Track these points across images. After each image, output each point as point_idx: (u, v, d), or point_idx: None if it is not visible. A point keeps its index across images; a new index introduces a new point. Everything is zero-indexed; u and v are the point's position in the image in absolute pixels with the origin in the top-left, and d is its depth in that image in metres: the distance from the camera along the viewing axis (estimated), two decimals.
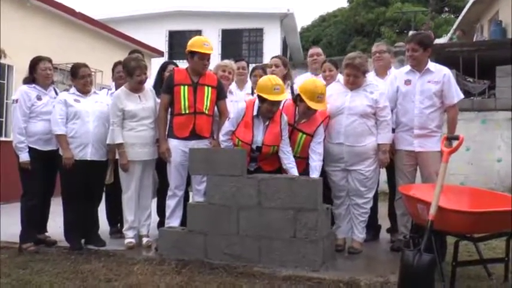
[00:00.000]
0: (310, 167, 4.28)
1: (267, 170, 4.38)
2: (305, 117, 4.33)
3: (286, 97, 4.35)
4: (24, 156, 4.49)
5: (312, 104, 4.18)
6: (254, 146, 4.27)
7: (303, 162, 4.38)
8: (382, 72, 5.03)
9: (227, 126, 4.37)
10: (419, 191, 3.95)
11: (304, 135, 4.35)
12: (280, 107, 4.33)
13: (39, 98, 4.62)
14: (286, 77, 5.03)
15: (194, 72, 4.57)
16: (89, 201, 4.67)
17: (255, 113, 4.29)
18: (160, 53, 15.15)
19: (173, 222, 4.56)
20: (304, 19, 48.56)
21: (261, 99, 4.22)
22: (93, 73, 5.13)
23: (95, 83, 7.81)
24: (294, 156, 4.34)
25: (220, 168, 4.14)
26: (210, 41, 4.67)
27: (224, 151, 4.25)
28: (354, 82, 4.39)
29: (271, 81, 4.20)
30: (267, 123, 4.30)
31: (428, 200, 3.50)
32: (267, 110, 4.21)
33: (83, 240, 4.66)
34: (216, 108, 4.65)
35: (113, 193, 4.99)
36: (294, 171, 4.25)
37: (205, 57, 4.54)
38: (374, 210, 4.83)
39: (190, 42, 4.62)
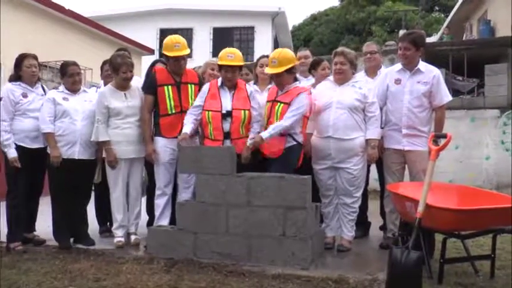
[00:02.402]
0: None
1: (239, 151, 4.29)
2: (279, 86, 4.41)
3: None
4: (12, 153, 4.45)
5: (267, 69, 4.45)
6: (224, 111, 4.34)
7: (282, 139, 4.32)
8: (372, 72, 5.05)
9: (196, 102, 4.47)
10: (407, 189, 3.98)
11: (282, 105, 4.33)
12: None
13: (24, 96, 4.58)
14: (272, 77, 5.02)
15: (175, 72, 4.58)
16: (77, 200, 4.65)
17: (219, 83, 4.46)
18: (151, 51, 15.12)
19: (163, 221, 4.55)
20: (295, 18, 48.73)
21: (220, 68, 4.46)
22: (82, 71, 5.10)
23: (84, 81, 7.78)
24: None
25: (209, 167, 4.13)
26: (182, 40, 4.61)
27: (213, 149, 4.24)
28: (341, 70, 4.41)
29: (225, 54, 4.45)
30: (233, 92, 4.44)
31: (416, 197, 3.53)
32: (224, 77, 4.43)
33: (72, 239, 4.63)
34: None
35: (103, 192, 4.96)
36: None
37: (179, 59, 4.54)
38: (363, 207, 4.85)
39: (163, 43, 4.61)
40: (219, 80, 4.50)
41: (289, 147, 4.32)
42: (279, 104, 4.35)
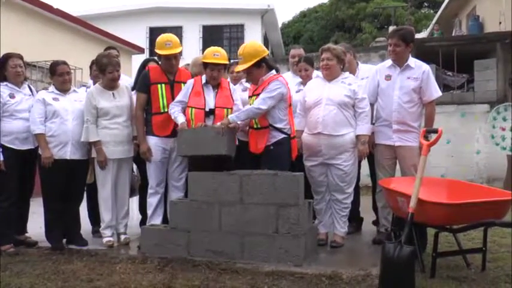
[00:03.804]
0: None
1: None
2: (252, 81, 4.44)
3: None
4: None
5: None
6: (207, 109, 4.33)
7: (265, 132, 4.29)
8: (349, 71, 4.99)
9: (177, 97, 4.43)
10: (399, 184, 4.00)
11: (255, 97, 4.34)
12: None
13: (12, 96, 4.53)
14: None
15: (168, 71, 4.57)
16: (70, 200, 4.62)
17: (203, 81, 4.43)
18: (141, 50, 15.06)
19: (155, 220, 4.54)
20: (284, 15, 48.63)
21: (204, 66, 4.41)
22: (72, 71, 5.06)
23: (74, 80, 7.72)
24: (256, 128, 4.33)
25: (207, 148, 4.10)
26: (174, 39, 4.59)
27: (212, 130, 4.14)
28: (328, 66, 4.42)
29: (211, 52, 4.42)
30: (216, 90, 4.43)
31: (408, 193, 3.55)
32: (209, 75, 4.38)
33: (64, 240, 4.61)
34: None
35: (95, 192, 4.93)
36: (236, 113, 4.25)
37: (170, 58, 4.52)
38: (356, 202, 4.87)
39: (156, 42, 4.59)
40: (203, 78, 4.47)
41: (277, 142, 4.28)
42: (254, 97, 4.35)
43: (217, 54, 4.40)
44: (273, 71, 4.42)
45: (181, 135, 4.26)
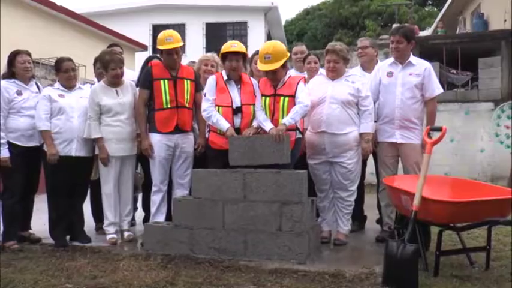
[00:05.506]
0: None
1: None
2: (275, 81, 4.30)
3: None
4: (4, 153, 4.41)
5: (260, 66, 4.28)
6: (234, 106, 4.29)
7: (293, 134, 4.26)
8: (368, 67, 5.04)
9: (207, 97, 4.33)
10: (403, 182, 3.99)
11: (287, 98, 4.25)
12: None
13: (19, 93, 4.54)
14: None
15: (170, 67, 4.56)
16: (74, 197, 4.63)
17: (225, 77, 4.37)
18: (144, 47, 15.05)
19: (159, 217, 4.54)
20: (288, 12, 48.55)
21: (223, 58, 4.39)
22: (76, 68, 5.06)
23: (78, 77, 7.73)
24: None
25: (264, 157, 4.00)
26: (175, 34, 4.57)
27: (268, 138, 4.03)
28: (335, 68, 4.41)
29: (229, 44, 4.43)
30: (239, 86, 4.39)
31: (412, 191, 3.54)
32: (229, 67, 4.33)
33: (68, 237, 4.62)
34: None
35: (98, 189, 4.94)
36: (268, 124, 4.17)
37: (172, 52, 4.50)
38: (359, 201, 4.86)
39: (157, 38, 4.59)
40: (224, 74, 4.42)
41: (294, 140, 4.28)
42: (282, 97, 4.25)
43: (235, 45, 4.40)
44: (289, 72, 4.44)
45: (233, 144, 4.11)
